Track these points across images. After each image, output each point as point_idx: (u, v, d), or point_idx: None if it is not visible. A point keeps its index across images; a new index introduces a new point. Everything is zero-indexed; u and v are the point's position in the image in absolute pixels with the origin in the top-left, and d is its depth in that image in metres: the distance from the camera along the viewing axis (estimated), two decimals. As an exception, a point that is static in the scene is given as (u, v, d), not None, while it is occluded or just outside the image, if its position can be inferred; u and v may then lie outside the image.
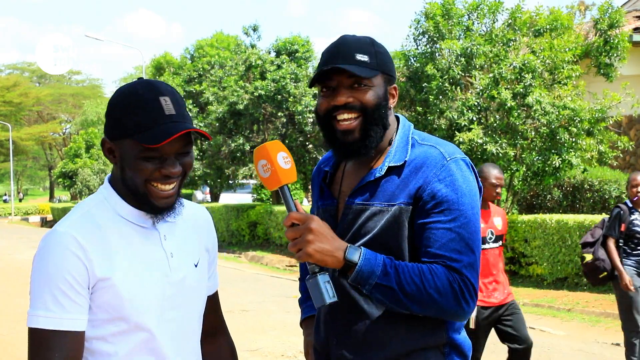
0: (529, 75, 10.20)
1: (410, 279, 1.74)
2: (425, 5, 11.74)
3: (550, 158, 10.28)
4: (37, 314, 1.55)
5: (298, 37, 19.13)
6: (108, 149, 1.67)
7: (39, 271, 1.57)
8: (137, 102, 1.61)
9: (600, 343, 7.33)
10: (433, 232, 1.80)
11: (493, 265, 4.92)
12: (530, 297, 9.77)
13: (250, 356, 6.78)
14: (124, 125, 1.61)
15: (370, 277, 1.74)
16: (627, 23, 13.47)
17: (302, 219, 1.73)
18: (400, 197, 1.86)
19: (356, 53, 1.85)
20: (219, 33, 25.22)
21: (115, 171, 1.69)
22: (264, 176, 1.77)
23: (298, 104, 17.59)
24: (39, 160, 65.82)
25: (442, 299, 1.75)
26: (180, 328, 1.72)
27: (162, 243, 1.70)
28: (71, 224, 1.61)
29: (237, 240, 19.67)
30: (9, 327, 8.23)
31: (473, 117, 10.54)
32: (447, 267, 1.77)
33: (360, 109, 1.86)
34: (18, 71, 59.67)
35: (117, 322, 1.61)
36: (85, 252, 1.57)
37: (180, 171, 1.64)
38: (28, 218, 41.26)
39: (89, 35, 25.59)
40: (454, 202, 1.81)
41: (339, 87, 1.87)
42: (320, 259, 1.71)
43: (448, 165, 1.84)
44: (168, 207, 1.66)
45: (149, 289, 1.64)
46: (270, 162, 1.75)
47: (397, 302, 1.76)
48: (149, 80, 1.68)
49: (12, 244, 21.62)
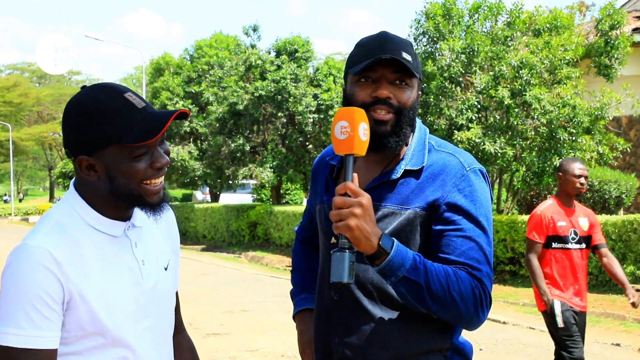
0: (526, 71, 10.20)
1: (437, 279, 1.73)
2: (426, 5, 11.75)
3: (550, 158, 10.28)
4: (7, 331, 1.48)
5: (298, 38, 19.13)
6: (87, 166, 1.58)
7: (10, 287, 1.49)
8: (106, 107, 1.55)
9: (600, 343, 7.34)
10: (452, 239, 1.80)
11: (575, 268, 4.66)
12: (530, 297, 9.76)
13: (250, 356, 6.77)
14: (103, 134, 1.53)
15: (400, 269, 1.71)
16: (628, 23, 13.47)
17: (356, 192, 1.68)
18: (416, 201, 1.85)
19: (402, 50, 1.83)
20: (218, 33, 25.18)
21: (94, 184, 1.60)
22: (339, 137, 1.72)
23: (298, 104, 17.59)
24: (39, 160, 65.82)
25: (463, 304, 1.75)
26: (156, 334, 1.70)
27: (133, 251, 1.66)
28: (43, 237, 1.53)
29: (237, 240, 19.67)
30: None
31: (472, 117, 10.54)
32: (469, 274, 1.77)
33: (397, 108, 1.84)
34: (18, 71, 59.68)
35: (93, 337, 1.56)
36: (59, 266, 1.50)
37: (167, 161, 1.61)
38: (28, 218, 41.24)
39: (89, 36, 25.59)
40: (473, 213, 1.82)
41: (381, 79, 1.84)
42: (357, 236, 1.66)
43: (467, 175, 1.85)
44: (161, 201, 1.64)
45: (123, 299, 1.60)
46: (352, 127, 1.71)
47: (419, 299, 1.75)
48: (98, 84, 1.62)
49: (12, 244, 21.57)
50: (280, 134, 18.65)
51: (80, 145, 1.57)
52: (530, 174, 10.86)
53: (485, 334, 7.49)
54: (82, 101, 1.58)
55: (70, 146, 1.60)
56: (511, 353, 6.88)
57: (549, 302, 4.57)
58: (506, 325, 8.21)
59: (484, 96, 10.61)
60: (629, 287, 4.70)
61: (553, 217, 4.66)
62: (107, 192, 1.60)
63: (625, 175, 12.88)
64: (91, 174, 1.59)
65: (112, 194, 1.60)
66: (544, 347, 7.11)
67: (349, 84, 1.90)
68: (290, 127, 18.52)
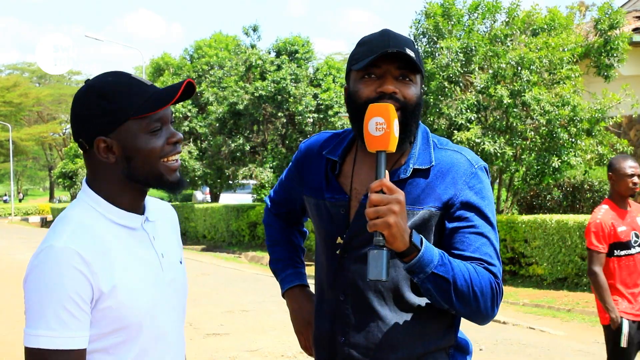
0: (526, 71, 10.21)
1: (461, 275, 1.74)
2: (425, 6, 11.75)
3: (549, 159, 10.28)
4: (38, 333, 1.48)
5: (298, 38, 19.13)
6: (104, 148, 1.58)
7: (39, 290, 1.50)
8: (117, 85, 1.58)
9: (600, 343, 7.32)
10: (467, 236, 1.82)
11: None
12: (530, 297, 9.77)
13: (250, 356, 6.77)
14: (119, 110, 1.56)
15: (429, 265, 1.71)
16: (627, 23, 13.46)
17: (393, 189, 1.66)
18: (428, 201, 1.85)
19: (405, 47, 1.83)
20: (218, 33, 25.16)
21: (112, 170, 1.61)
22: (373, 134, 1.71)
23: (298, 104, 17.59)
24: (39, 160, 65.82)
25: (482, 299, 1.77)
26: (176, 328, 1.71)
27: (152, 244, 1.68)
28: (69, 238, 1.53)
29: (237, 240, 19.66)
30: (9, 327, 8.24)
31: (472, 117, 10.54)
32: (486, 269, 1.79)
33: (403, 104, 1.83)
34: (18, 71, 59.67)
35: (120, 332, 1.57)
36: (88, 266, 1.51)
37: (181, 137, 1.63)
38: (28, 218, 41.26)
39: (89, 36, 25.61)
40: (483, 209, 1.85)
41: (386, 75, 1.83)
42: (395, 233, 1.64)
43: (476, 172, 1.87)
44: (179, 182, 1.65)
45: (148, 293, 1.61)
46: (388, 123, 1.70)
47: (445, 296, 1.75)
48: (102, 72, 1.66)
49: (12, 244, 21.61)
50: (280, 134, 18.65)
51: (96, 127, 1.58)
52: (530, 174, 10.86)
53: (485, 334, 7.49)
54: (91, 86, 1.61)
55: (84, 133, 1.60)
56: (511, 353, 6.88)
57: (617, 321, 4.19)
58: (506, 325, 8.21)
59: (484, 96, 10.61)
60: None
61: (613, 223, 4.26)
62: (125, 175, 1.60)
63: (625, 176, 12.88)
64: (109, 156, 1.59)
65: (130, 176, 1.60)
66: (544, 347, 7.12)
67: (352, 81, 1.89)
68: (290, 127, 18.52)
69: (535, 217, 10.62)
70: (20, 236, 26.33)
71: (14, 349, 7.19)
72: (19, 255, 17.57)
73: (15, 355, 6.93)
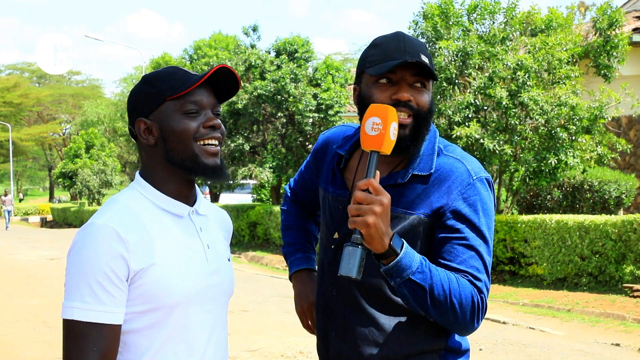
0: (522, 72, 10.21)
1: (440, 284, 1.73)
2: (423, 6, 11.74)
3: (547, 158, 10.29)
4: (73, 305, 1.53)
5: (298, 38, 19.13)
6: (145, 130, 1.67)
7: (76, 264, 1.55)
8: (164, 73, 1.69)
9: (600, 343, 7.34)
10: (455, 246, 1.81)
11: None
12: (530, 297, 9.77)
13: (250, 356, 6.77)
14: (158, 92, 1.65)
15: (406, 270, 1.71)
16: (627, 23, 13.46)
17: (378, 190, 1.67)
18: (421, 207, 1.85)
19: (421, 53, 1.82)
20: (218, 34, 25.18)
21: (153, 154, 1.68)
22: (369, 133, 1.72)
23: (298, 104, 17.58)
24: (39, 160, 65.78)
25: (460, 311, 1.75)
26: (214, 320, 1.73)
27: (198, 234, 1.71)
28: (110, 217, 1.59)
29: (237, 240, 19.67)
30: (9, 327, 8.23)
31: (470, 115, 10.55)
32: (470, 282, 1.78)
33: (416, 111, 1.83)
34: (18, 71, 59.64)
35: (154, 314, 1.60)
36: (125, 244, 1.56)
37: (220, 124, 1.67)
38: (28, 218, 41.23)
39: (89, 36, 25.63)
40: (475, 222, 1.82)
41: (401, 82, 1.83)
42: (372, 234, 1.65)
43: (474, 183, 1.85)
44: (217, 167, 1.68)
45: (189, 278, 1.64)
46: (384, 124, 1.71)
47: (420, 302, 1.75)
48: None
49: (12, 244, 21.61)
50: (279, 134, 18.64)
51: (138, 109, 1.68)
52: (529, 173, 10.86)
53: (485, 334, 7.49)
54: (144, 76, 1.72)
55: (131, 118, 1.70)
56: (511, 353, 6.88)
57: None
58: (506, 325, 8.21)
59: (482, 96, 10.62)
60: None
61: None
62: (164, 157, 1.66)
63: (625, 176, 12.89)
64: (149, 138, 1.67)
65: (168, 158, 1.66)
66: (543, 347, 7.12)
67: (365, 84, 1.88)
68: (290, 126, 18.52)
69: (535, 217, 10.61)
70: (20, 236, 26.32)
71: (14, 349, 7.19)
72: (19, 255, 17.57)
73: (15, 355, 6.93)
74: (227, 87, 1.72)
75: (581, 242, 9.68)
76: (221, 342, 1.78)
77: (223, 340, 1.80)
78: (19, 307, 9.60)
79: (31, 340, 7.52)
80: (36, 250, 18.94)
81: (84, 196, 33.57)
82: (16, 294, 10.91)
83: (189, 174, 1.68)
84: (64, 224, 35.97)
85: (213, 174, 1.67)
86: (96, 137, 35.80)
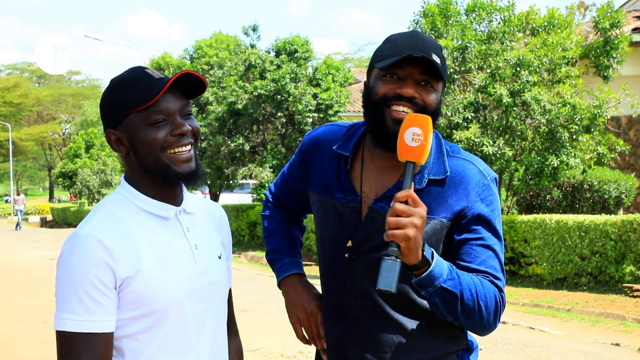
0: (525, 72, 10.20)
1: (468, 288, 1.74)
2: (423, 6, 11.75)
3: (549, 159, 10.28)
4: (63, 316, 1.55)
5: (298, 37, 19.13)
6: (116, 140, 1.66)
7: (64, 274, 1.56)
8: (126, 79, 1.65)
9: (600, 343, 7.34)
10: (474, 248, 1.81)
11: None
12: (530, 297, 9.78)
13: (250, 356, 6.77)
14: (122, 103, 1.62)
15: (438, 279, 1.70)
16: (627, 23, 13.46)
17: (417, 202, 1.64)
18: (440, 211, 1.82)
19: (432, 52, 1.80)
20: (218, 33, 25.15)
21: (129, 162, 1.67)
22: (409, 144, 1.69)
23: (298, 104, 17.58)
24: (39, 160, 65.79)
25: (486, 313, 1.76)
26: (208, 321, 1.72)
27: (185, 235, 1.70)
28: (94, 226, 1.59)
29: (237, 240, 19.67)
30: (9, 327, 8.23)
31: (469, 116, 10.54)
32: (492, 282, 1.78)
33: (421, 108, 1.80)
34: (18, 71, 59.63)
35: (146, 318, 1.60)
36: (110, 252, 1.56)
37: (190, 130, 1.64)
38: (28, 218, 41.23)
39: (89, 36, 25.63)
40: (492, 222, 1.85)
41: (407, 78, 1.80)
42: (411, 246, 1.63)
43: (489, 184, 1.86)
44: (191, 173, 1.66)
45: (176, 281, 1.63)
46: (425, 136, 1.69)
47: (451, 309, 1.74)
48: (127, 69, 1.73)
49: (12, 244, 21.61)
50: (279, 134, 18.64)
51: (107, 120, 1.67)
52: (530, 173, 10.86)
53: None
54: (111, 81, 1.69)
55: (105, 122, 1.69)
56: (511, 353, 6.89)
57: None
58: (506, 325, 8.21)
59: (483, 95, 10.61)
60: None
61: None
62: (137, 166, 1.66)
63: (625, 175, 12.89)
64: (120, 148, 1.66)
65: (141, 167, 1.65)
66: (544, 347, 7.12)
67: (373, 78, 1.85)
68: (290, 126, 18.51)
69: (534, 217, 10.62)
70: (20, 236, 26.32)
71: (14, 349, 7.19)
72: (19, 255, 17.58)
73: (15, 356, 6.93)
74: (194, 85, 1.69)
75: (581, 242, 9.69)
76: (219, 341, 1.77)
77: (222, 339, 1.78)
78: (19, 307, 9.60)
79: (31, 340, 7.53)
80: (36, 250, 18.94)
81: (84, 196, 33.59)
82: (16, 294, 10.91)
83: (166, 181, 1.67)
84: (64, 224, 35.97)
85: (188, 179, 1.67)
86: (96, 137, 35.83)
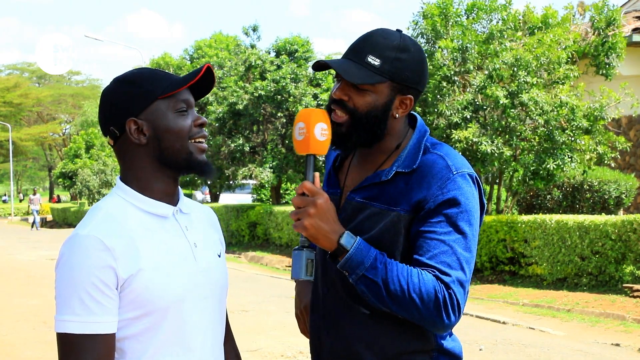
0: (522, 72, 10.21)
1: (397, 278, 1.73)
2: (423, 6, 11.75)
3: (546, 161, 10.29)
4: (64, 318, 1.54)
5: (298, 37, 19.14)
6: (136, 129, 1.64)
7: (64, 276, 1.55)
8: (144, 72, 1.68)
9: (600, 343, 7.34)
10: (427, 241, 1.79)
11: None
12: (530, 297, 9.78)
13: (250, 356, 6.77)
14: (146, 91, 1.64)
15: (359, 267, 1.74)
16: (627, 23, 13.47)
17: (313, 192, 1.73)
18: (402, 203, 1.84)
19: (370, 54, 1.81)
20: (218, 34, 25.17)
21: (145, 152, 1.66)
22: (297, 138, 1.80)
23: (298, 104, 17.58)
24: (39, 160, 65.79)
25: (422, 306, 1.73)
26: (209, 320, 1.72)
27: (184, 233, 1.70)
28: (94, 226, 1.59)
29: (237, 240, 19.67)
30: (9, 327, 8.23)
31: (468, 116, 10.54)
32: (436, 277, 1.76)
33: (351, 112, 1.84)
34: (18, 71, 59.61)
35: (147, 318, 1.60)
36: (111, 252, 1.56)
37: (206, 122, 1.69)
38: (28, 218, 41.22)
39: (89, 36, 25.61)
40: (452, 217, 1.79)
41: (342, 81, 1.86)
42: (313, 235, 1.72)
43: (454, 178, 1.82)
44: (207, 164, 1.70)
45: (178, 280, 1.64)
46: (308, 128, 1.77)
47: (379, 298, 1.76)
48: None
49: (12, 244, 21.62)
50: (280, 134, 18.65)
51: (126, 110, 1.65)
52: (529, 174, 10.87)
53: (485, 334, 7.50)
54: (118, 78, 1.69)
55: (115, 119, 1.66)
56: (511, 353, 6.89)
57: None
58: (506, 325, 8.21)
59: (481, 95, 10.62)
60: None
61: None
62: (156, 157, 1.66)
63: (625, 176, 12.89)
64: (141, 137, 1.65)
65: (161, 157, 1.66)
66: (544, 347, 7.12)
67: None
68: (290, 127, 18.51)
69: (535, 217, 10.62)
70: (20, 236, 26.33)
71: (14, 349, 7.19)
72: (19, 255, 17.58)
73: (15, 356, 6.93)
74: (201, 87, 1.73)
75: (581, 242, 9.69)
76: (219, 339, 1.78)
77: (221, 338, 1.79)
78: (19, 307, 9.60)
79: (31, 340, 7.53)
80: (36, 250, 18.95)
81: (84, 196, 33.56)
82: (16, 294, 10.91)
83: (178, 172, 1.69)
84: (64, 224, 35.97)
85: (204, 170, 1.70)
86: (96, 137, 35.81)
